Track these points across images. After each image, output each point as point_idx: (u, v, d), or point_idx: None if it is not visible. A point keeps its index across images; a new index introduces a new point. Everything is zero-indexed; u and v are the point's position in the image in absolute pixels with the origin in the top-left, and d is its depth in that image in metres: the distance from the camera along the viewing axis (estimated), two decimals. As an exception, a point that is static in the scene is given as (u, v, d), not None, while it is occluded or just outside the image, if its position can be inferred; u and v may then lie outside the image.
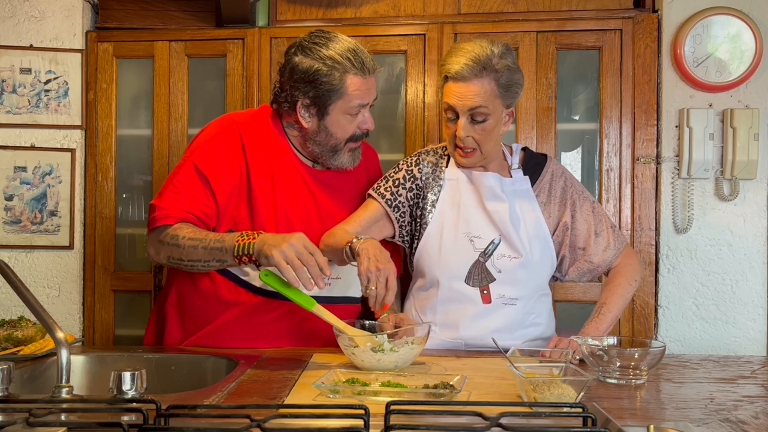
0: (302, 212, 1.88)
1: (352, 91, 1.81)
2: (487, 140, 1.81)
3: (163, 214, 1.78)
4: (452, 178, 1.90)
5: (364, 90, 1.83)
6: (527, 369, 1.36)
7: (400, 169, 1.95)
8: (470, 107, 1.77)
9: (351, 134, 1.86)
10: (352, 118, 1.85)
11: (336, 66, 1.79)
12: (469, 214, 1.86)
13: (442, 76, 1.82)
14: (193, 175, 1.81)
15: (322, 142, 1.87)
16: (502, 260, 1.82)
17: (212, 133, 1.87)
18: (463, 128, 1.79)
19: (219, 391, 1.38)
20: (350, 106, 1.82)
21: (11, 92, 2.66)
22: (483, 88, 1.76)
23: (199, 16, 2.67)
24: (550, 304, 1.95)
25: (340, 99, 1.81)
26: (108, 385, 1.20)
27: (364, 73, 1.81)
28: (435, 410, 1.16)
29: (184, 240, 1.74)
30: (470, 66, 1.74)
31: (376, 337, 1.59)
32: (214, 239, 1.73)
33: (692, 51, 2.42)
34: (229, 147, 1.85)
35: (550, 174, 1.93)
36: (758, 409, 1.28)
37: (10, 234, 2.67)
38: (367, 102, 1.85)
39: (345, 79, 1.80)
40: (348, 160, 1.90)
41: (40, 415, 1.02)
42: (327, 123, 1.84)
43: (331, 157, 1.89)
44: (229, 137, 1.86)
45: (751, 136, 2.40)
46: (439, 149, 1.98)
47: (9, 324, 1.74)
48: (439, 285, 1.85)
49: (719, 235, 2.47)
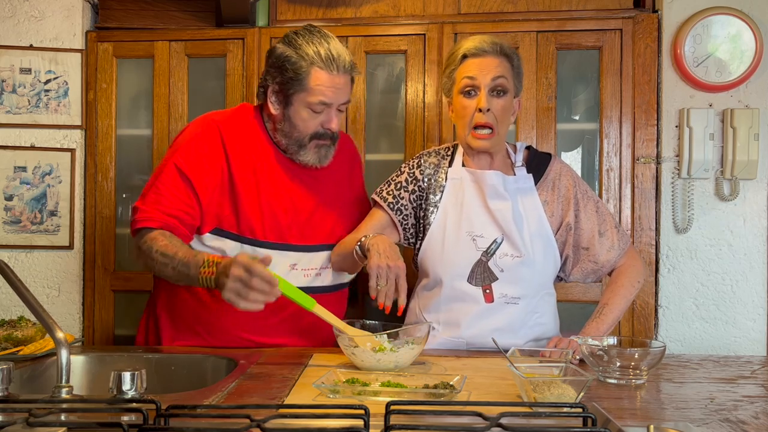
0: (287, 205, 1.89)
1: (314, 86, 1.80)
2: (504, 119, 1.85)
3: (144, 216, 1.78)
4: (455, 177, 1.90)
5: (328, 87, 1.80)
6: (527, 369, 1.36)
7: (402, 172, 1.96)
8: (493, 77, 1.81)
9: (314, 131, 1.85)
10: (315, 115, 1.83)
11: (304, 56, 1.80)
12: (472, 213, 1.86)
13: (458, 57, 1.84)
14: (175, 176, 1.81)
15: (287, 132, 1.87)
16: (504, 259, 1.82)
17: (192, 133, 1.88)
18: (486, 99, 1.80)
19: (219, 391, 1.38)
20: (311, 101, 1.81)
21: (11, 92, 2.66)
22: (502, 63, 1.83)
23: (199, 16, 2.67)
24: (555, 303, 1.94)
25: (303, 91, 1.81)
26: (108, 385, 1.20)
27: (331, 70, 1.80)
28: (435, 410, 1.16)
29: (156, 255, 1.73)
30: (489, 42, 1.83)
31: (376, 337, 1.59)
32: (181, 262, 1.70)
33: (692, 51, 2.42)
34: (210, 146, 1.85)
35: (554, 173, 1.92)
36: (758, 409, 1.28)
37: (10, 234, 2.67)
38: (331, 102, 1.82)
39: (310, 72, 1.80)
40: (314, 157, 1.88)
41: (40, 415, 1.02)
42: (290, 113, 1.85)
43: (297, 152, 1.88)
44: (209, 136, 1.86)
45: (751, 136, 2.40)
46: (442, 150, 1.98)
47: (9, 324, 1.74)
48: (442, 284, 1.85)
49: (719, 235, 2.47)
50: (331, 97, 1.81)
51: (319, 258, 1.92)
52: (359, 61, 2.59)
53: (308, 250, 1.91)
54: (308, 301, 1.66)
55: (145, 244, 1.75)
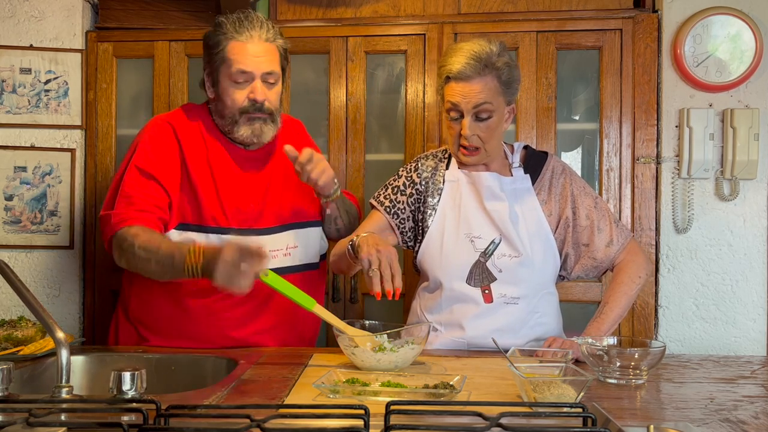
0: (246, 194, 1.90)
1: (231, 56, 1.82)
2: (491, 138, 1.82)
3: (119, 219, 1.76)
4: (452, 179, 1.91)
5: (243, 56, 1.81)
6: (527, 369, 1.36)
7: (400, 177, 1.97)
8: (475, 104, 1.77)
9: (241, 105, 1.84)
10: (239, 87, 1.84)
11: (222, 32, 1.83)
12: (470, 215, 1.86)
13: (443, 77, 1.81)
14: (139, 176, 1.81)
15: (220, 112, 1.89)
16: (502, 260, 1.83)
17: (148, 135, 1.89)
18: (468, 127, 1.79)
19: (219, 391, 1.38)
20: (231, 72, 1.82)
21: (11, 92, 2.66)
22: (486, 86, 1.77)
23: (199, 16, 2.67)
24: (557, 303, 1.94)
25: (224, 64, 1.83)
26: (108, 385, 1.20)
27: (245, 39, 1.81)
28: (435, 410, 1.16)
29: (139, 251, 1.70)
30: (472, 65, 1.75)
31: (376, 337, 1.59)
32: (165, 254, 1.68)
33: (692, 51, 2.42)
34: (167, 145, 1.87)
35: (550, 171, 1.92)
36: (758, 409, 1.28)
37: (10, 234, 2.67)
38: (250, 70, 1.81)
39: (228, 44, 1.82)
40: (247, 131, 1.86)
41: (40, 415, 1.02)
42: (220, 91, 1.87)
43: (231, 129, 1.88)
44: (164, 135, 1.88)
45: (751, 136, 2.40)
46: (439, 153, 1.99)
47: (9, 324, 1.74)
48: (442, 286, 1.86)
49: (719, 235, 2.47)
50: (249, 66, 1.82)
51: (284, 238, 1.92)
52: (359, 61, 2.59)
53: (271, 232, 1.91)
54: (308, 301, 1.66)
55: (126, 242, 1.73)
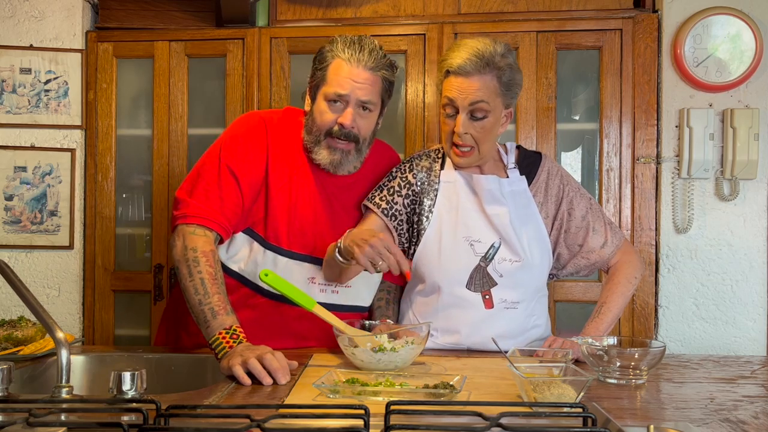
0: (315, 219, 1.84)
1: (332, 76, 1.77)
2: (485, 139, 1.79)
3: (196, 212, 1.72)
4: (448, 180, 1.87)
5: (345, 79, 1.75)
6: (527, 369, 1.36)
7: (395, 177, 1.91)
8: (471, 102, 1.74)
9: (329, 127, 1.79)
10: (333, 108, 1.78)
11: (332, 49, 1.79)
12: (469, 218, 1.83)
13: (443, 71, 1.79)
14: (222, 172, 1.76)
15: (309, 127, 1.84)
16: (503, 264, 1.81)
17: (241, 130, 1.84)
18: (462, 124, 1.76)
19: (219, 391, 1.38)
20: (328, 92, 1.77)
21: (11, 92, 2.66)
22: (485, 84, 1.74)
23: (199, 16, 2.67)
24: (547, 303, 1.94)
25: (324, 83, 1.79)
26: (108, 385, 1.21)
27: (351, 63, 1.76)
28: (435, 410, 1.16)
29: (196, 276, 1.63)
30: (473, 61, 1.73)
31: (376, 337, 1.59)
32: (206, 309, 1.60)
33: (692, 51, 2.42)
34: (256, 145, 1.82)
35: (546, 173, 1.91)
36: (758, 409, 1.28)
37: (10, 234, 2.67)
38: (346, 94, 1.75)
39: (332, 63, 1.78)
40: (326, 157, 1.81)
41: (40, 415, 1.02)
42: (314, 107, 1.82)
43: (312, 149, 1.83)
44: (256, 135, 1.83)
45: (751, 136, 2.40)
46: (432, 152, 1.94)
47: (9, 324, 1.74)
48: (440, 290, 1.82)
49: (719, 235, 2.47)
50: (347, 89, 1.75)
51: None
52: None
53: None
54: (308, 301, 1.65)
55: (194, 254, 1.65)
